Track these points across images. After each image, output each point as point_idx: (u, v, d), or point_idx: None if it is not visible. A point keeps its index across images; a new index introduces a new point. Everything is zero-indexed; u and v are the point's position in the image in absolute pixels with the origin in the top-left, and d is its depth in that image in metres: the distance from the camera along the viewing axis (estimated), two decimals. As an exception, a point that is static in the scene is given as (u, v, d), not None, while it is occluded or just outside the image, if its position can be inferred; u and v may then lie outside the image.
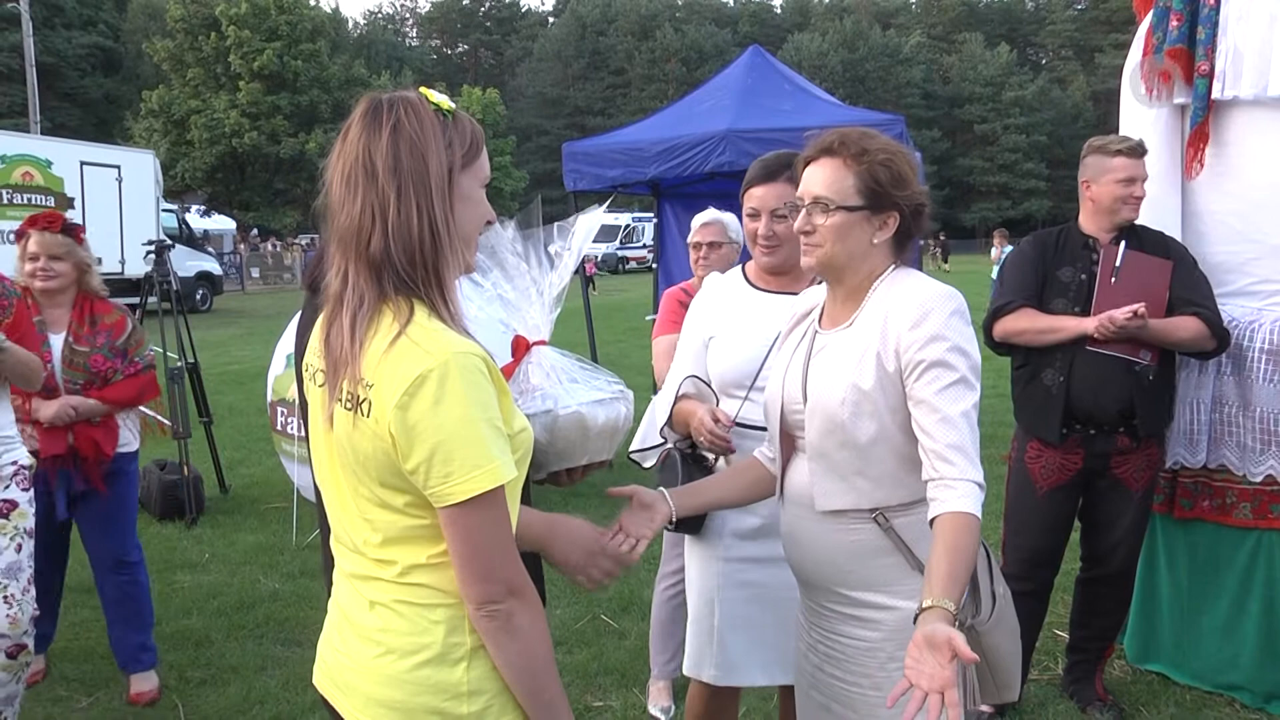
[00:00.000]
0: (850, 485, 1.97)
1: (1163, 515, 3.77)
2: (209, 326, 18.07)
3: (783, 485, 2.14)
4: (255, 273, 35.74)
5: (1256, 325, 3.54)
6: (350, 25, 62.82)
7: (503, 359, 1.83)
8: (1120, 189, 3.36)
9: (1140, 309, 3.17)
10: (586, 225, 2.06)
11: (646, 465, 2.63)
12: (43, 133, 25.04)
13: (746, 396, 2.48)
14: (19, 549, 3.14)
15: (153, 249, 6.72)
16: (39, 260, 3.72)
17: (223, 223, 38.80)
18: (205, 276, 24.02)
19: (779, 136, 6.48)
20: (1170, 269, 3.36)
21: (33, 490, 3.26)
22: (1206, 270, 3.51)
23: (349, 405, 1.49)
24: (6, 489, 3.17)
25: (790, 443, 2.11)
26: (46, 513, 3.67)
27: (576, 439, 1.98)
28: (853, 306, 2.02)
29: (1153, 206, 3.69)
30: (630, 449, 2.63)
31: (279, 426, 6.07)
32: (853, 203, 1.96)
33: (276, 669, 4.05)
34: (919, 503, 1.90)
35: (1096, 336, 3.24)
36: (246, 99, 36.00)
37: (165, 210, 21.90)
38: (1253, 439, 3.53)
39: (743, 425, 2.49)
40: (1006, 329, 3.43)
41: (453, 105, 1.55)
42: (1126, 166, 3.36)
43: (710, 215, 3.91)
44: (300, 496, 5.85)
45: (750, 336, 2.53)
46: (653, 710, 3.66)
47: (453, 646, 1.53)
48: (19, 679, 3.19)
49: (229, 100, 36.37)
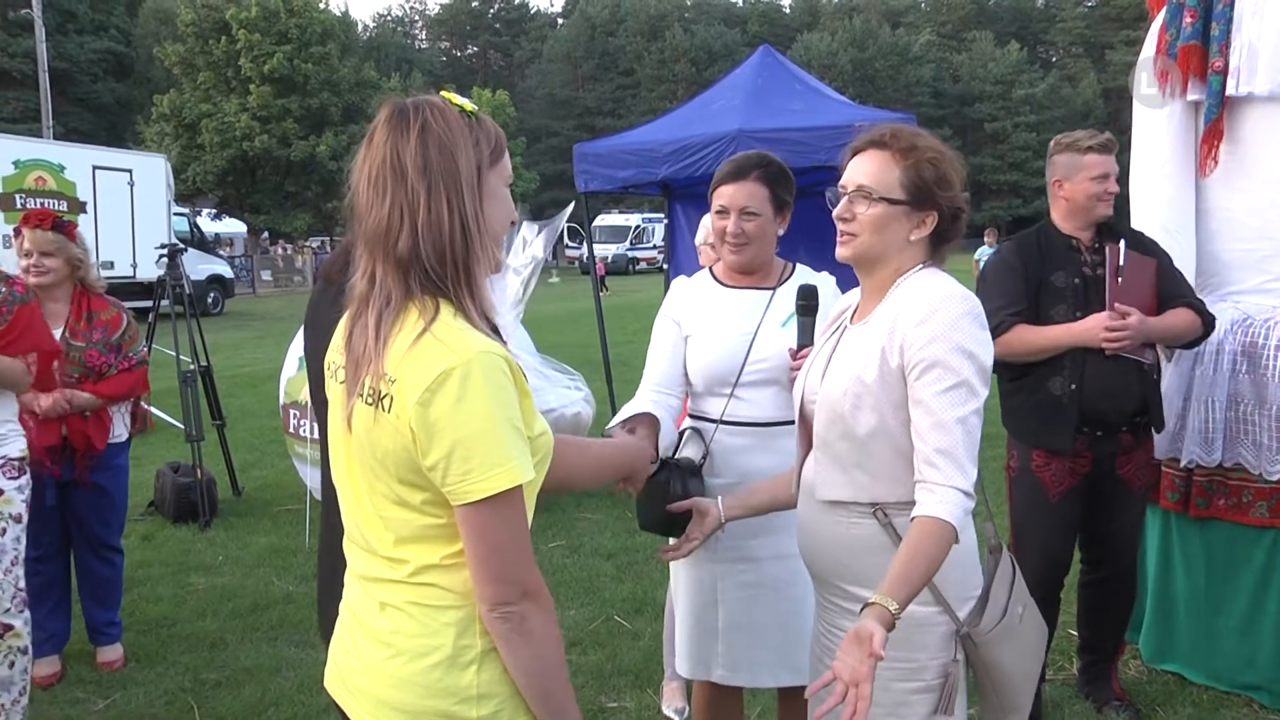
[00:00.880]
0: (850, 477, 1.98)
1: (1178, 514, 3.74)
2: (221, 329, 18.11)
3: (800, 475, 2.16)
4: (266, 275, 35.90)
5: (1273, 323, 3.52)
6: (360, 28, 62.93)
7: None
8: (1095, 186, 3.28)
9: (1133, 317, 3.14)
10: (546, 234, 2.07)
11: None
12: (55, 138, 25.23)
13: (731, 393, 2.49)
14: (3, 533, 3.23)
15: (165, 253, 6.76)
16: (32, 256, 3.88)
17: (234, 226, 39.01)
18: (217, 280, 24.10)
19: (790, 136, 6.49)
20: (1155, 265, 3.32)
21: (24, 478, 3.32)
22: (1221, 268, 3.49)
23: (370, 400, 1.50)
24: None
25: (808, 433, 2.13)
26: (39, 501, 3.76)
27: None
28: (876, 302, 2.02)
29: (1168, 205, 3.67)
30: None
31: (292, 429, 6.09)
32: (896, 196, 1.96)
33: (291, 671, 4.07)
34: None
35: (1108, 350, 3.16)
36: (257, 102, 36.08)
37: (177, 214, 22.04)
38: (1269, 437, 3.50)
39: (729, 422, 2.50)
40: (1003, 352, 3.22)
41: (475, 107, 1.55)
42: (1100, 163, 3.29)
43: None
44: (313, 499, 5.86)
45: (727, 332, 2.53)
46: (667, 711, 3.66)
47: (463, 649, 1.52)
48: (11, 663, 3.24)
49: (239, 104, 36.46)
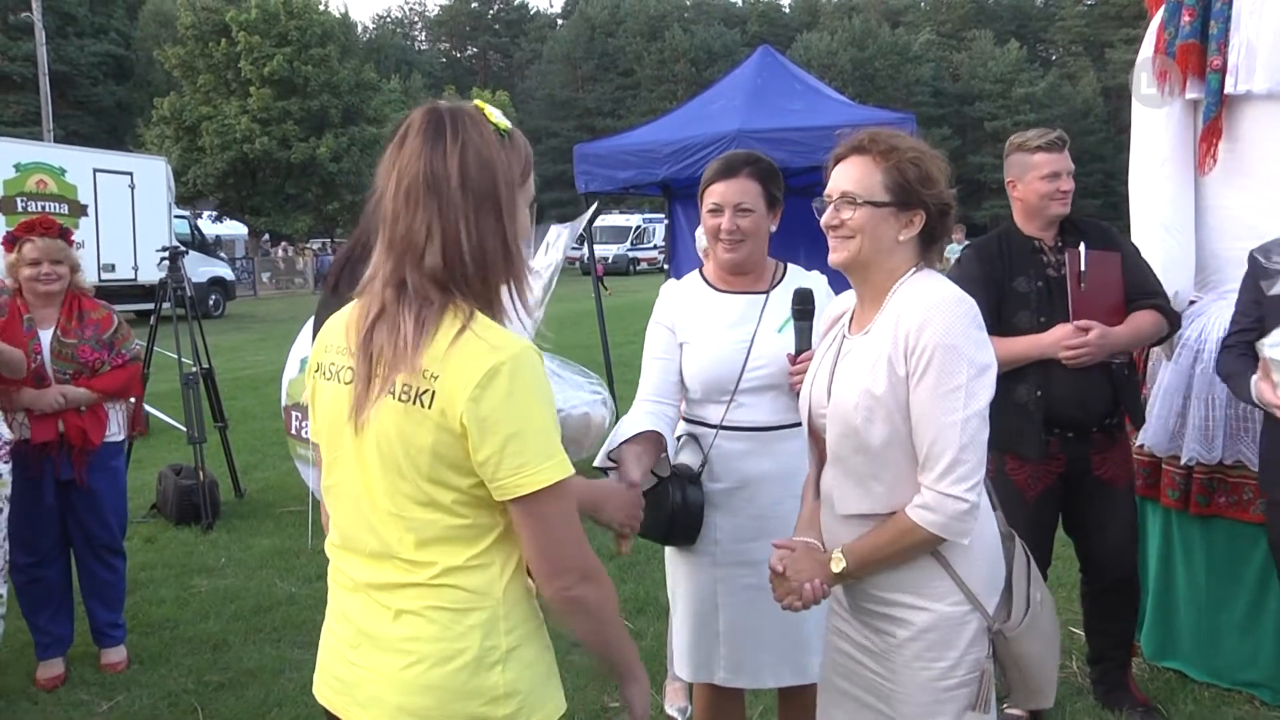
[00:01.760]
0: (866, 490, 1.98)
1: (1179, 512, 3.74)
2: (222, 332, 18.11)
3: (818, 485, 2.17)
4: (267, 277, 35.89)
5: (1272, 320, 3.51)
6: (359, 30, 62.87)
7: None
8: (1045, 185, 3.25)
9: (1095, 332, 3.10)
10: (567, 235, 2.08)
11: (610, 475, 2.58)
12: (56, 140, 25.23)
13: (731, 399, 2.49)
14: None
15: (167, 255, 6.76)
16: (41, 265, 3.86)
17: (234, 228, 38.98)
18: (218, 282, 24.11)
19: (790, 136, 6.49)
20: (1119, 260, 3.28)
21: (8, 465, 3.42)
22: (1220, 265, 3.48)
23: (404, 397, 1.50)
24: None
25: (821, 444, 2.13)
26: (37, 498, 3.86)
27: (579, 439, 1.99)
28: (875, 310, 2.02)
29: (1167, 203, 3.67)
30: (595, 462, 2.59)
31: (293, 431, 6.08)
32: (879, 198, 1.97)
33: (294, 672, 4.07)
34: None
35: (1069, 363, 3.12)
36: (257, 104, 36.06)
37: (178, 216, 22.05)
38: (1269, 434, 3.49)
39: (728, 427, 2.50)
40: None
41: (509, 125, 1.56)
42: (1049, 162, 3.26)
43: None
44: (315, 500, 5.87)
45: (723, 339, 2.53)
46: (669, 710, 3.67)
47: (489, 650, 1.54)
48: None
49: (240, 106, 36.43)
